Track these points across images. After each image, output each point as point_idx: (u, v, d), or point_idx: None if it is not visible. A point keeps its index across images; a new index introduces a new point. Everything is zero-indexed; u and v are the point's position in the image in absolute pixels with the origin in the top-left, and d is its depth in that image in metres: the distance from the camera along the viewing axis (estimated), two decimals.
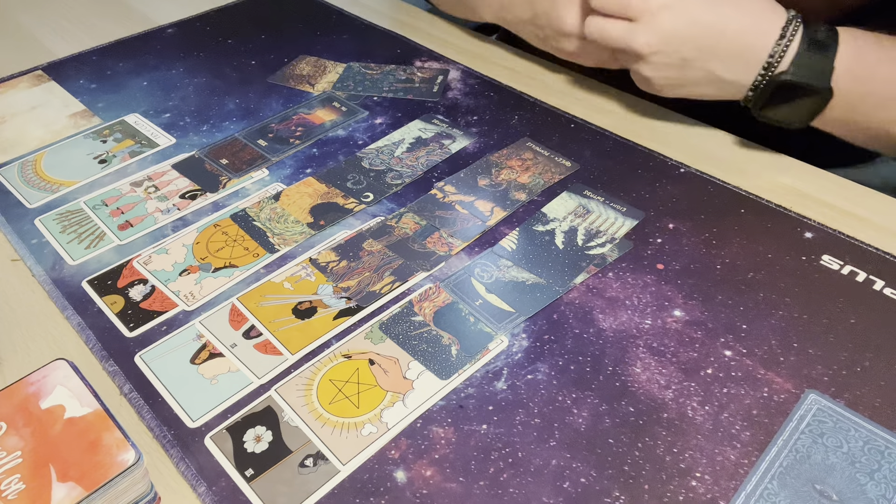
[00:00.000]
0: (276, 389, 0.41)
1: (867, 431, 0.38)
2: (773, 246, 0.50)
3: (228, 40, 0.76)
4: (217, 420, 0.40)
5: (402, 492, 0.36)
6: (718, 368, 0.42)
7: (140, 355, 0.43)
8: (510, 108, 0.64)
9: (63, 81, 0.70)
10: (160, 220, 0.53)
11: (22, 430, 0.35)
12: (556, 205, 0.53)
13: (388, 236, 0.51)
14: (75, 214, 0.54)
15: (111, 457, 0.34)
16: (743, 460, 0.37)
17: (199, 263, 0.49)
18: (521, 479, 0.37)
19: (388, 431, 0.39)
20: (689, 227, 0.51)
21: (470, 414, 0.40)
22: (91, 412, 0.36)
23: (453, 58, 0.72)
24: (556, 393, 0.41)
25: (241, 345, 0.44)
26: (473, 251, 0.50)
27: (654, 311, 0.45)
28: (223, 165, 0.58)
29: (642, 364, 0.42)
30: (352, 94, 0.67)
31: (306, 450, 0.38)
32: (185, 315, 0.46)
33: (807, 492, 0.36)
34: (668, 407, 0.40)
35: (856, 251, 0.49)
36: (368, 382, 0.41)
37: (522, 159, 0.58)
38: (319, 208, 0.54)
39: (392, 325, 0.45)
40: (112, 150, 0.60)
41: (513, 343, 0.44)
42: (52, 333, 0.45)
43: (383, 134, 0.62)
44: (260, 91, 0.68)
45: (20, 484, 0.33)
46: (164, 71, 0.71)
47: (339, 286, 0.47)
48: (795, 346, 0.43)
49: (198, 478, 0.37)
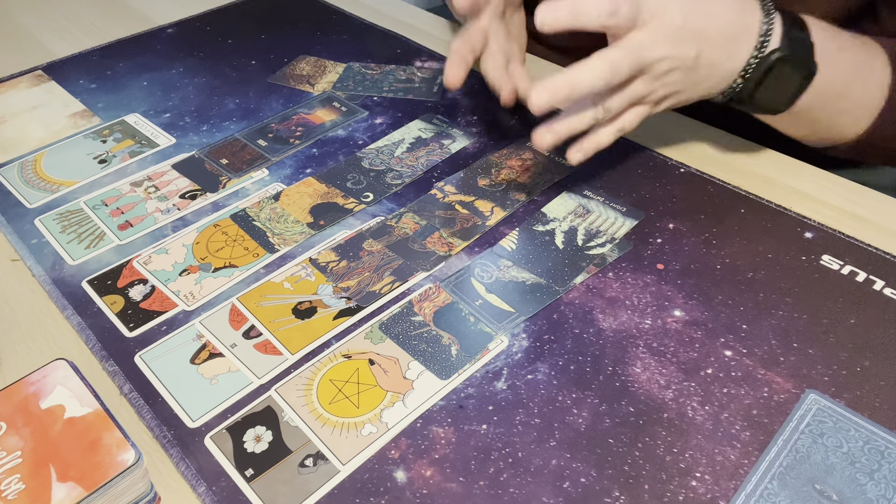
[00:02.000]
0: (276, 389, 0.41)
1: (867, 431, 0.38)
2: (773, 246, 0.50)
3: (228, 40, 0.76)
4: (217, 420, 0.40)
5: (402, 492, 0.36)
6: (718, 368, 0.42)
7: (140, 355, 0.43)
8: (510, 108, 0.64)
9: (63, 81, 0.70)
10: (160, 220, 0.53)
11: (22, 430, 0.35)
12: (556, 205, 0.53)
13: (388, 236, 0.51)
14: (75, 214, 0.54)
15: (111, 457, 0.34)
16: (743, 460, 0.37)
17: (199, 263, 0.49)
18: (521, 479, 0.37)
19: (388, 431, 0.39)
20: (689, 227, 0.51)
21: (470, 414, 0.40)
22: (91, 412, 0.36)
23: None
24: (556, 393, 0.41)
25: (241, 345, 0.44)
26: (473, 251, 0.50)
27: (654, 311, 0.45)
28: (223, 165, 0.58)
29: (642, 364, 0.42)
30: (352, 94, 0.67)
31: (306, 450, 0.38)
32: (185, 315, 0.46)
33: (807, 492, 0.36)
34: (668, 407, 0.40)
35: (856, 251, 0.49)
36: (368, 382, 0.41)
37: (522, 159, 0.58)
38: (319, 208, 0.54)
39: (392, 325, 0.45)
40: (112, 150, 0.60)
41: (513, 343, 0.44)
42: (52, 333, 0.45)
43: (383, 134, 0.62)
44: (260, 91, 0.68)
45: (20, 484, 0.33)
46: (164, 71, 0.71)
47: (339, 286, 0.47)
48: (795, 346, 0.43)
49: (198, 478, 0.37)
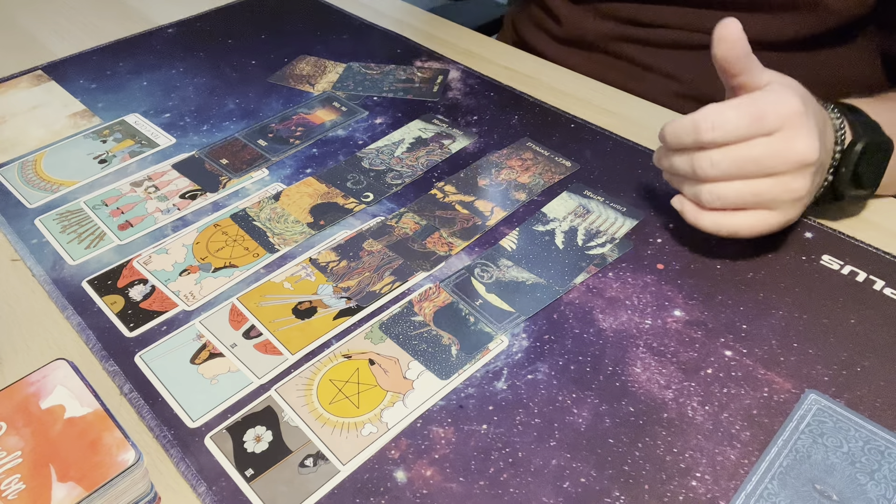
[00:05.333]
0: (276, 389, 0.41)
1: (867, 431, 0.38)
2: (773, 246, 0.50)
3: (228, 40, 0.76)
4: (217, 420, 0.40)
5: (402, 492, 0.36)
6: (718, 368, 0.42)
7: (140, 355, 0.43)
8: (510, 108, 0.64)
9: (63, 81, 0.70)
10: (160, 220, 0.53)
11: (22, 430, 0.35)
12: (556, 205, 0.53)
13: (388, 236, 0.51)
14: (75, 214, 0.54)
15: (111, 457, 0.34)
16: (743, 460, 0.37)
17: (199, 263, 0.49)
18: (521, 479, 0.37)
19: (388, 431, 0.39)
20: (689, 227, 0.51)
21: (470, 414, 0.40)
22: (91, 412, 0.36)
23: (453, 58, 0.72)
24: (556, 393, 0.41)
25: (241, 345, 0.44)
26: (473, 251, 0.50)
27: (654, 311, 0.45)
28: (223, 165, 0.58)
29: (642, 364, 0.42)
30: (352, 94, 0.67)
31: (306, 450, 0.38)
32: (185, 315, 0.46)
33: (807, 492, 0.36)
34: (668, 407, 0.40)
35: (856, 251, 0.49)
36: (368, 382, 0.41)
37: (522, 159, 0.58)
38: (319, 208, 0.54)
39: (392, 325, 0.45)
40: (112, 150, 0.60)
41: (513, 343, 0.44)
42: (52, 333, 0.45)
43: (383, 134, 0.62)
44: (260, 91, 0.68)
45: (20, 484, 0.33)
46: (164, 71, 0.71)
47: (339, 286, 0.47)
48: (795, 346, 0.43)
49: (198, 478, 0.37)
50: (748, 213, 0.45)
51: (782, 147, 0.42)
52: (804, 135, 0.42)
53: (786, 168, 0.43)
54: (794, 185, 0.43)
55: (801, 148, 0.42)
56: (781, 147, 0.42)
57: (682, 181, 0.47)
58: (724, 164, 0.43)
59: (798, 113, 0.42)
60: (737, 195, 0.44)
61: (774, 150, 0.42)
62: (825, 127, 0.45)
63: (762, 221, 0.45)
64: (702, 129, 0.43)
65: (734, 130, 0.42)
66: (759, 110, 0.42)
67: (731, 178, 0.43)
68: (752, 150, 0.42)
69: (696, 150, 0.44)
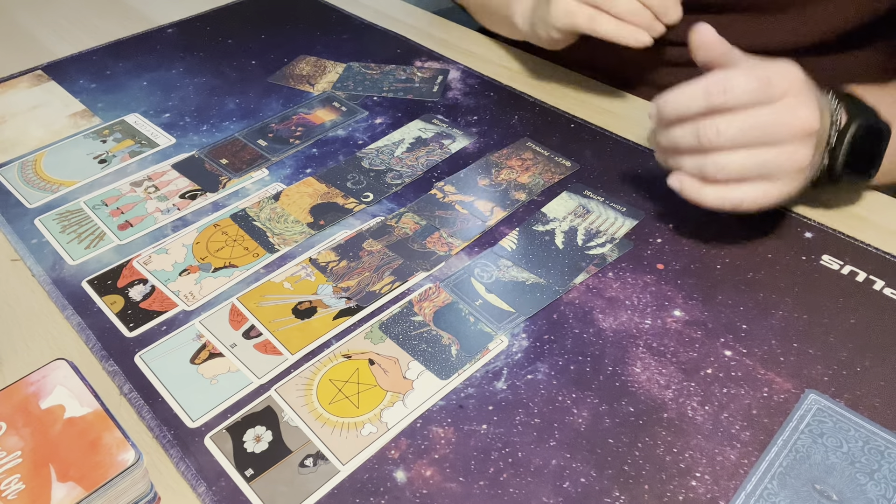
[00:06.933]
0: (275, 389, 0.41)
1: (867, 431, 0.38)
2: (773, 246, 0.50)
3: (228, 40, 0.76)
4: (217, 420, 0.40)
5: (402, 492, 0.36)
6: (718, 368, 0.42)
7: (140, 355, 0.43)
8: (510, 108, 0.64)
9: (63, 81, 0.70)
10: (160, 220, 0.53)
11: (22, 430, 0.35)
12: (556, 205, 0.53)
13: (388, 236, 0.51)
14: (75, 214, 0.54)
15: (111, 457, 0.34)
16: (743, 460, 0.37)
17: (199, 263, 0.49)
18: (521, 479, 0.37)
19: (388, 431, 0.39)
20: (689, 227, 0.51)
21: (470, 414, 0.40)
22: (91, 412, 0.36)
23: (453, 58, 0.72)
24: (556, 393, 0.41)
25: (240, 345, 0.44)
26: (473, 251, 0.50)
27: (654, 311, 0.45)
28: (223, 165, 0.58)
29: (642, 364, 0.42)
30: (352, 94, 0.67)
31: (306, 450, 0.38)
32: (185, 315, 0.46)
33: (807, 492, 0.36)
34: (668, 407, 0.40)
35: (856, 251, 0.49)
36: (368, 382, 0.41)
37: (522, 159, 0.58)
38: (319, 208, 0.54)
39: (392, 325, 0.45)
40: (112, 150, 0.60)
41: (513, 343, 0.44)
42: (52, 333, 0.45)
43: (383, 134, 0.62)
44: (260, 91, 0.68)
45: (20, 484, 0.33)
46: (164, 71, 0.71)
47: (338, 286, 0.47)
48: (795, 346, 0.43)
49: (198, 478, 0.37)
50: (751, 185, 0.45)
51: (787, 114, 0.43)
52: (806, 103, 0.43)
53: (790, 136, 0.43)
54: (797, 155, 0.44)
55: (805, 115, 0.43)
56: (786, 114, 0.43)
57: (682, 157, 0.47)
58: (731, 131, 0.43)
59: (801, 80, 0.44)
60: (741, 165, 0.44)
61: (779, 118, 0.43)
62: (823, 107, 0.46)
63: (765, 193, 0.45)
64: (713, 93, 0.43)
65: (743, 94, 0.43)
66: (766, 75, 0.43)
67: (735, 147, 0.44)
68: (758, 118, 0.43)
69: (701, 119, 0.45)
